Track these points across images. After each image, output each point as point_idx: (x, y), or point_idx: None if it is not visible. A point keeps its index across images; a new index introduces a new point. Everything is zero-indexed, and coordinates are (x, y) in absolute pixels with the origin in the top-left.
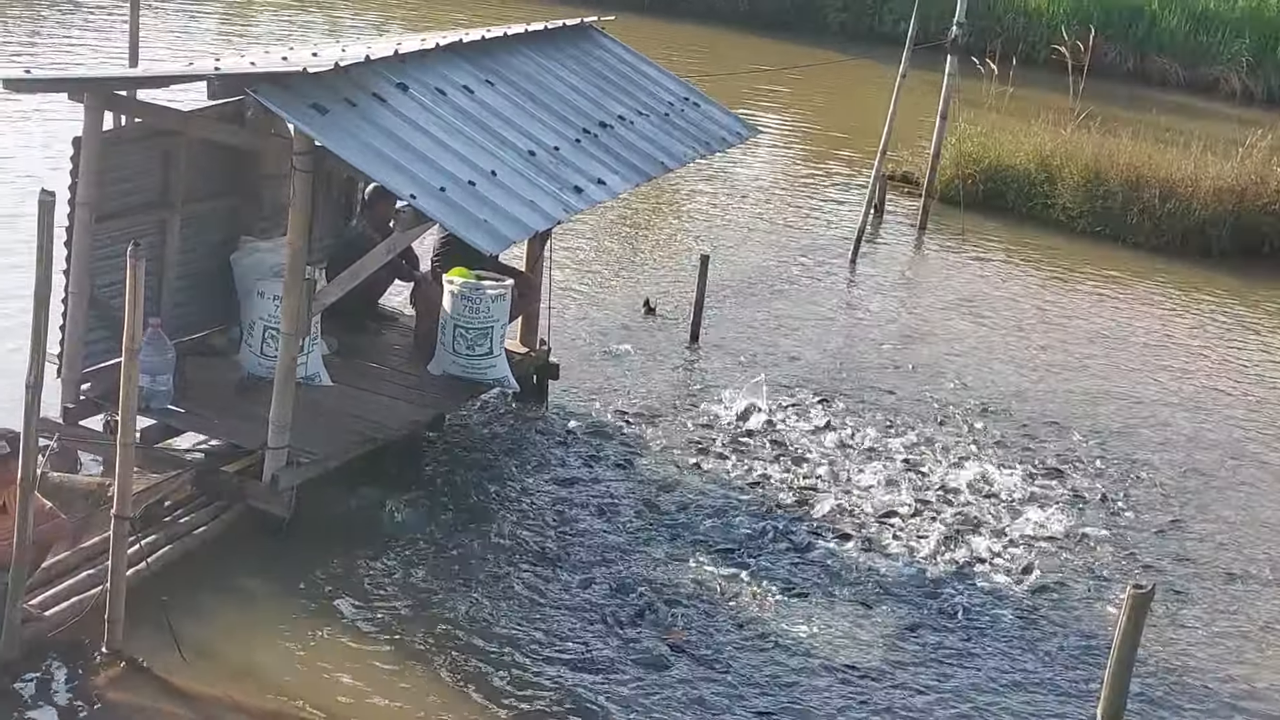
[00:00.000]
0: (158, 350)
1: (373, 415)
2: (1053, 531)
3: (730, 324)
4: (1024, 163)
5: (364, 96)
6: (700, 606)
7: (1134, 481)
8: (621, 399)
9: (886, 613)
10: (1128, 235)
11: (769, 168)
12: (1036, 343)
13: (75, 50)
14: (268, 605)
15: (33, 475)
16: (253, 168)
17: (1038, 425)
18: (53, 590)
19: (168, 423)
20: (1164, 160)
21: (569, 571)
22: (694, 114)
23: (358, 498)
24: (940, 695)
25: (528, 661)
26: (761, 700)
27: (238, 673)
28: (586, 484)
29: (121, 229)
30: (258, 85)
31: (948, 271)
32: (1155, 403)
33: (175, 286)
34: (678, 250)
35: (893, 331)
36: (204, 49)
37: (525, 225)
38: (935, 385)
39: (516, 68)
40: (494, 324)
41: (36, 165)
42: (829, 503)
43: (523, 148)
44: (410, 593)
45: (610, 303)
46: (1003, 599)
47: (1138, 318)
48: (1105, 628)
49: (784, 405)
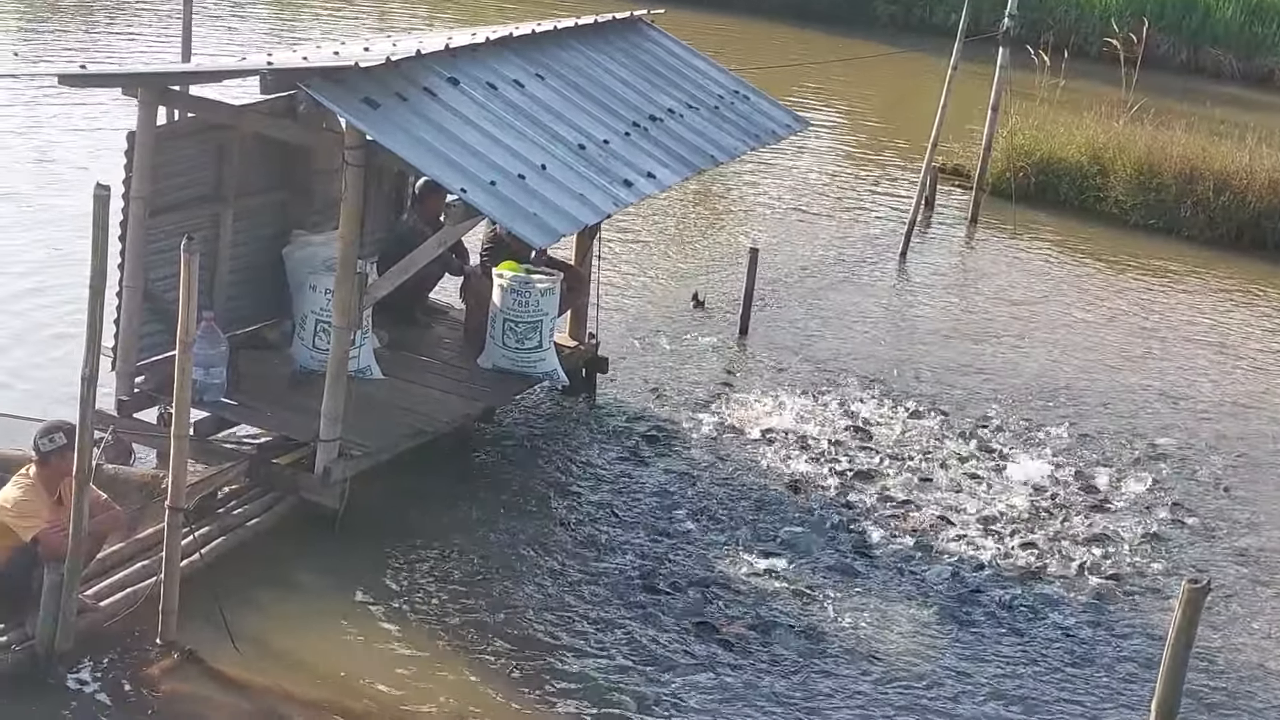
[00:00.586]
0: (211, 343)
1: (423, 408)
2: (1109, 530)
3: (779, 317)
4: (1076, 155)
5: (415, 91)
6: (752, 600)
7: (1188, 478)
8: (670, 392)
9: (940, 611)
10: (1181, 229)
11: (819, 160)
12: (1089, 337)
13: (128, 47)
14: (320, 596)
15: (88, 467)
16: (304, 162)
17: (1090, 422)
18: (107, 581)
19: (221, 415)
20: (1218, 153)
21: (619, 564)
22: (744, 107)
23: (408, 490)
24: (995, 692)
25: (579, 654)
26: (813, 698)
27: (290, 663)
28: (635, 477)
29: (175, 223)
30: (310, 80)
31: (999, 265)
32: (1210, 399)
33: (228, 280)
34: (726, 243)
35: (944, 326)
36: (255, 45)
37: (574, 219)
38: (987, 380)
39: (566, 61)
40: (543, 317)
41: (91, 161)
42: (880, 497)
43: (572, 141)
44: (461, 584)
45: (659, 296)
46: (1059, 597)
47: (1190, 312)
48: (1163, 624)
49: (834, 400)
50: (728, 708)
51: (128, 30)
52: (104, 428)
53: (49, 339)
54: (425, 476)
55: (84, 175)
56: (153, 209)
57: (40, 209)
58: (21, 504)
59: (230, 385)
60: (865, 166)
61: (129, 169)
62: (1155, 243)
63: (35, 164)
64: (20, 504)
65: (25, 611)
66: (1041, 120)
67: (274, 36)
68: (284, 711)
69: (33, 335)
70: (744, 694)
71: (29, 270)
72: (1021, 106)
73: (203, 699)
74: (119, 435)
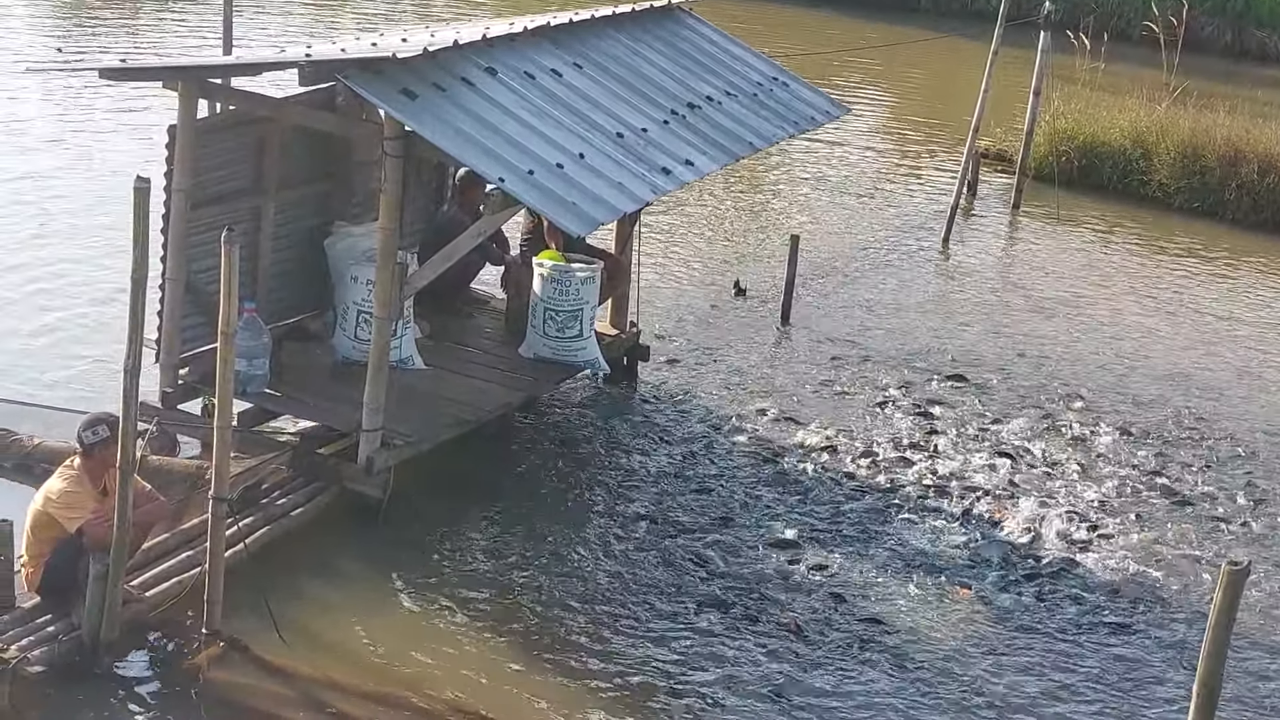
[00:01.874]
0: (253, 335)
1: (465, 398)
2: (1151, 512)
3: (822, 305)
4: (1119, 139)
5: (453, 81)
6: (802, 590)
7: (1231, 463)
8: (712, 381)
9: (985, 597)
10: (1225, 212)
11: (860, 147)
12: (1135, 323)
13: (170, 41)
14: (363, 586)
15: (132, 458)
16: (345, 153)
17: (1136, 408)
18: (153, 571)
19: (264, 406)
20: (1263, 135)
21: (662, 555)
22: (783, 93)
23: (450, 479)
24: (1040, 674)
25: (625, 646)
26: (868, 688)
27: (335, 653)
28: (678, 466)
29: (216, 215)
30: (348, 71)
31: (1042, 250)
32: (1256, 385)
33: (270, 272)
34: (767, 230)
35: (988, 312)
36: (295, 36)
37: (613, 207)
38: (1031, 366)
39: (604, 50)
40: (584, 306)
41: (134, 156)
42: (926, 485)
43: (610, 130)
44: (506, 573)
45: (701, 284)
46: (1102, 578)
47: (1237, 296)
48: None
49: (878, 387)
50: (777, 703)
51: (169, 23)
52: (148, 419)
53: (90, 331)
54: (468, 466)
55: (129, 169)
56: (194, 202)
57: (84, 202)
58: (67, 495)
59: (273, 376)
60: (906, 152)
61: (170, 162)
62: (1199, 225)
63: (79, 159)
64: (66, 495)
65: (71, 603)
66: (1084, 104)
67: (315, 27)
68: (329, 699)
69: (73, 327)
70: (795, 685)
71: (71, 263)
72: (1063, 90)
73: (248, 687)
74: (163, 426)
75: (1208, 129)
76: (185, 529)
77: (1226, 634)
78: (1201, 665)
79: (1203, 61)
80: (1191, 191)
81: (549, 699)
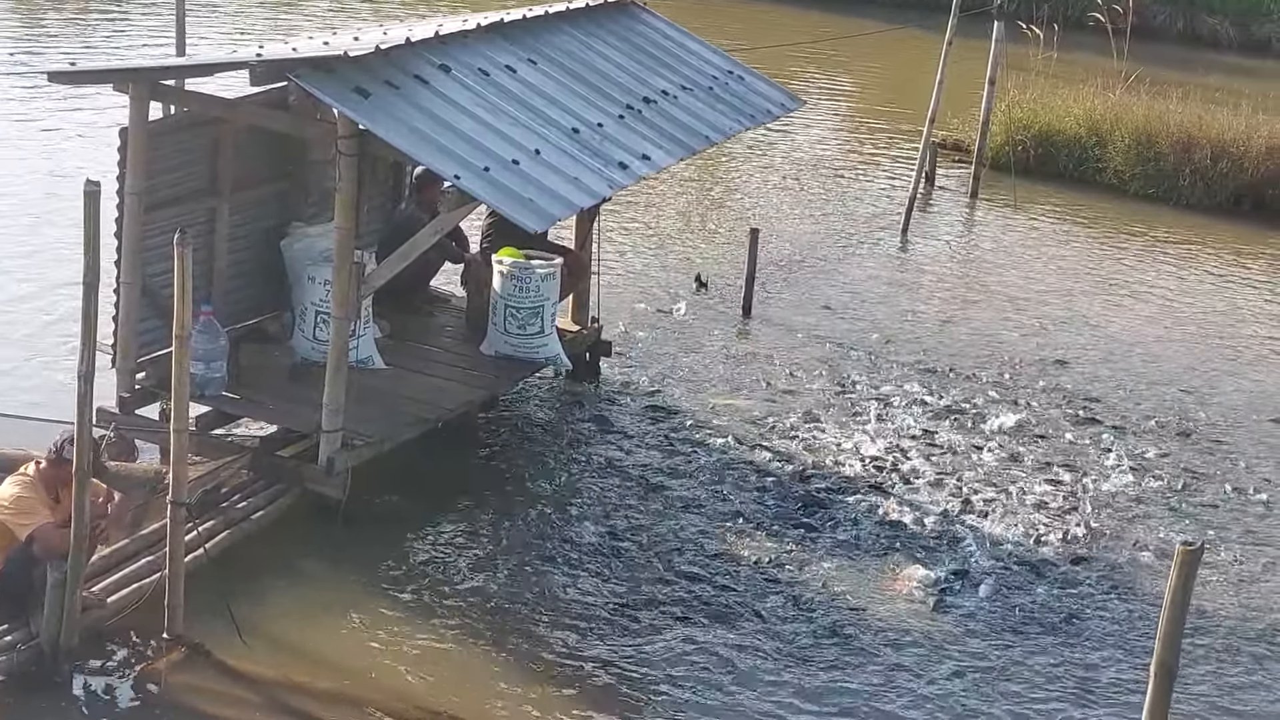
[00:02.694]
0: (210, 337)
1: (426, 396)
2: (1107, 493)
3: (782, 297)
4: (1074, 127)
5: (406, 79)
6: (756, 577)
7: (1186, 442)
8: (674, 375)
9: (939, 581)
10: (1180, 197)
11: (818, 139)
12: (1091, 307)
13: (123, 43)
14: (326, 587)
15: (88, 463)
16: (300, 154)
17: (1092, 389)
18: (113, 577)
19: (222, 409)
20: (1215, 121)
21: (623, 549)
22: (738, 87)
23: (412, 479)
24: (998, 658)
25: (588, 644)
26: (806, 677)
27: (297, 655)
28: (640, 461)
29: (171, 218)
30: (300, 70)
31: (1000, 238)
32: (1211, 364)
33: (226, 274)
34: (728, 224)
35: (946, 301)
36: (251, 37)
37: (570, 202)
38: (988, 353)
39: (559, 46)
40: (545, 303)
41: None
42: (887, 475)
43: (566, 125)
44: (467, 572)
45: (662, 278)
46: (1056, 561)
47: (1191, 279)
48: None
49: (839, 378)
50: (740, 691)
51: (120, 24)
52: (106, 424)
53: (43, 335)
54: (430, 465)
55: (80, 172)
56: (148, 204)
57: (36, 208)
58: (20, 501)
59: (231, 379)
60: (865, 144)
61: (122, 165)
62: (1154, 211)
63: (31, 162)
64: (18, 501)
65: (30, 610)
66: (1039, 93)
67: (269, 25)
68: (292, 702)
69: (26, 333)
70: (754, 674)
71: (26, 269)
72: (1018, 80)
73: (210, 692)
74: (121, 432)
75: (1161, 116)
76: (145, 534)
77: (1182, 614)
78: (1158, 646)
79: (1156, 49)
80: (1146, 178)
81: (512, 697)
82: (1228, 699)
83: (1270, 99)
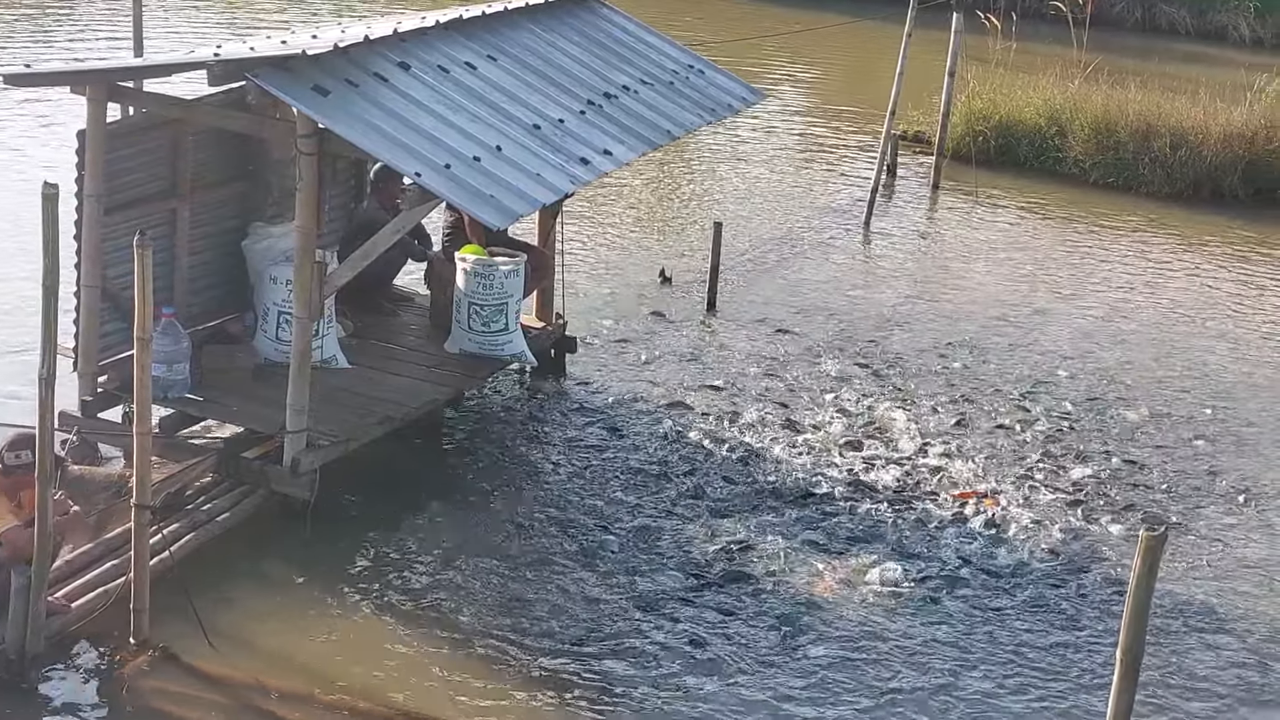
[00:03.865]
0: (172, 339)
1: (391, 395)
2: (1072, 480)
3: (746, 290)
4: (1034, 117)
5: (365, 77)
6: (722, 570)
7: (1149, 427)
8: (639, 371)
9: (906, 572)
10: (1140, 185)
11: (780, 133)
12: (1051, 295)
13: (81, 43)
14: (293, 588)
15: (49, 468)
16: (260, 154)
17: (1055, 377)
18: (78, 582)
19: (186, 411)
20: (1173, 109)
21: (589, 545)
22: (699, 81)
23: (379, 478)
24: (967, 649)
25: (558, 642)
26: (777, 675)
27: (265, 656)
28: (606, 457)
29: (131, 220)
30: (258, 70)
31: (962, 229)
32: (1174, 349)
33: (188, 275)
34: (691, 219)
35: (908, 292)
36: (210, 37)
37: (532, 199)
38: (952, 343)
39: (518, 42)
40: (509, 299)
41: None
42: (853, 467)
43: (527, 121)
44: (435, 570)
45: (625, 273)
46: (1024, 548)
47: (1151, 266)
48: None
49: (804, 371)
50: (703, 686)
51: (78, 25)
52: (69, 428)
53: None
54: (396, 464)
55: (40, 175)
56: (107, 207)
57: None
58: None
59: (195, 381)
60: (826, 137)
61: (81, 167)
62: (1115, 199)
63: None
64: None
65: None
66: (998, 84)
67: (228, 25)
68: (261, 704)
69: None
70: (718, 667)
71: None
72: (978, 71)
73: (179, 695)
74: (84, 436)
75: (1120, 105)
76: (109, 538)
77: (1147, 599)
78: (1123, 632)
79: (1114, 38)
80: (1106, 166)
81: (478, 695)
82: (1193, 682)
83: (1227, 87)
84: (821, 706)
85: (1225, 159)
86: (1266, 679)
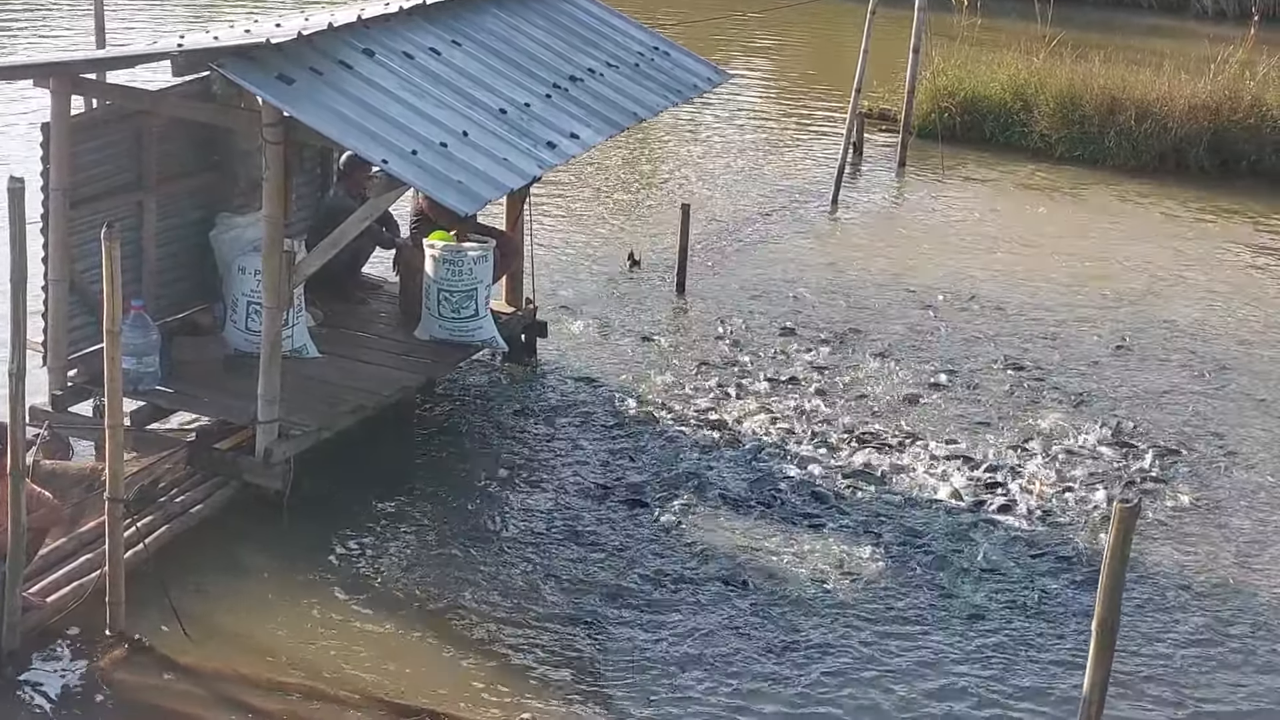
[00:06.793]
0: (142, 332)
1: (362, 384)
2: (1048, 453)
3: (715, 272)
4: (999, 93)
5: (330, 64)
6: (696, 555)
7: (1122, 399)
8: (610, 354)
9: (882, 550)
10: (1106, 158)
11: (745, 113)
12: (1020, 269)
13: (44, 36)
14: (268, 578)
15: (22, 463)
16: (226, 144)
17: (1024, 350)
18: (53, 576)
19: (157, 403)
20: (1138, 82)
21: (563, 531)
22: (664, 63)
23: (352, 466)
24: (948, 623)
25: (531, 629)
26: (764, 661)
27: (242, 647)
28: (577, 443)
29: (98, 213)
30: (222, 59)
31: (929, 206)
32: (1142, 321)
33: (156, 267)
34: (659, 201)
35: (877, 269)
36: (174, 28)
37: (500, 184)
38: (921, 319)
39: (483, 27)
40: (478, 285)
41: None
42: (825, 445)
43: (493, 106)
44: (409, 558)
45: (595, 257)
46: (997, 522)
47: (1117, 238)
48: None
49: (773, 352)
50: (686, 673)
51: (40, 17)
52: (39, 423)
53: None
54: (369, 452)
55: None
56: (74, 200)
57: None
58: None
59: (165, 373)
60: (792, 116)
61: (46, 161)
62: (1081, 173)
63: None
64: None
65: None
66: (963, 60)
67: (193, 16)
68: (237, 695)
69: None
70: (702, 657)
71: None
72: (943, 48)
73: (156, 687)
74: (55, 430)
75: (1085, 78)
76: (83, 532)
77: (1122, 571)
78: (1098, 604)
79: (1078, 13)
80: (1072, 141)
81: (455, 684)
82: (1170, 653)
83: (1191, 59)
84: (821, 705)
85: (1190, 131)
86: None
